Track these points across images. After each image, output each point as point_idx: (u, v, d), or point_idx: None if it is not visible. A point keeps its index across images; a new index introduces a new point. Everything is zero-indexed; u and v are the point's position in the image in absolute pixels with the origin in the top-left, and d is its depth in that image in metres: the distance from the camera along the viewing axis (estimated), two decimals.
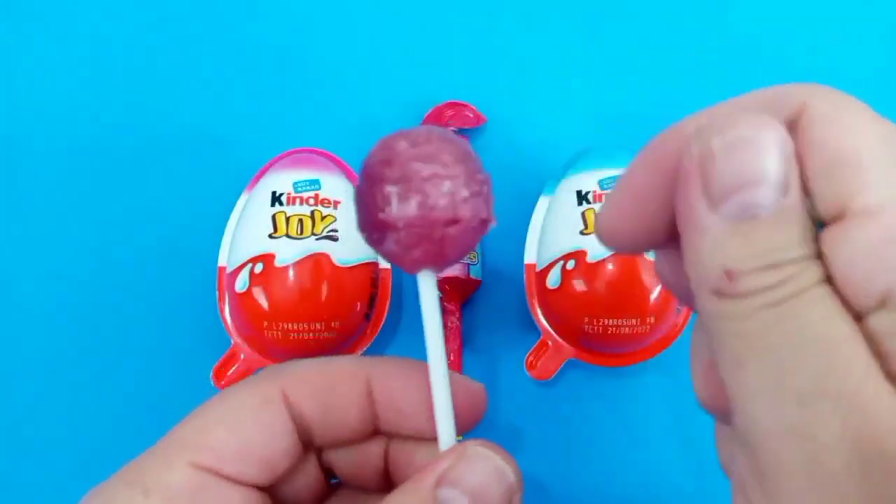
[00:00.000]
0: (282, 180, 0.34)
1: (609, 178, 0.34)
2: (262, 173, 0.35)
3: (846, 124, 0.14)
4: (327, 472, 0.23)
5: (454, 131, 0.38)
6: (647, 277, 0.33)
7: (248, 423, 0.19)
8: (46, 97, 0.40)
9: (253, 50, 0.40)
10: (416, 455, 0.22)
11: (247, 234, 0.34)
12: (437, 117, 0.38)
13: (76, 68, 0.40)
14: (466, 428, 0.22)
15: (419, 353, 0.40)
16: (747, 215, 0.14)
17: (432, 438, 0.20)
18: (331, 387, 0.21)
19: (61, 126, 0.39)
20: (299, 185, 0.34)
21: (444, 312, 0.36)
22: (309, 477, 0.22)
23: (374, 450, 0.22)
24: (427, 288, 0.19)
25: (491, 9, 0.41)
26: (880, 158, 0.14)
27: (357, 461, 0.22)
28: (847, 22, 0.42)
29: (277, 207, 0.33)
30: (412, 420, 0.21)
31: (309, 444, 0.21)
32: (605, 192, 0.34)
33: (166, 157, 0.37)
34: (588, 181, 0.34)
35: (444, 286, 0.36)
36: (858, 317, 0.14)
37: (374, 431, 0.22)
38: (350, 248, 0.33)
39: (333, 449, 0.22)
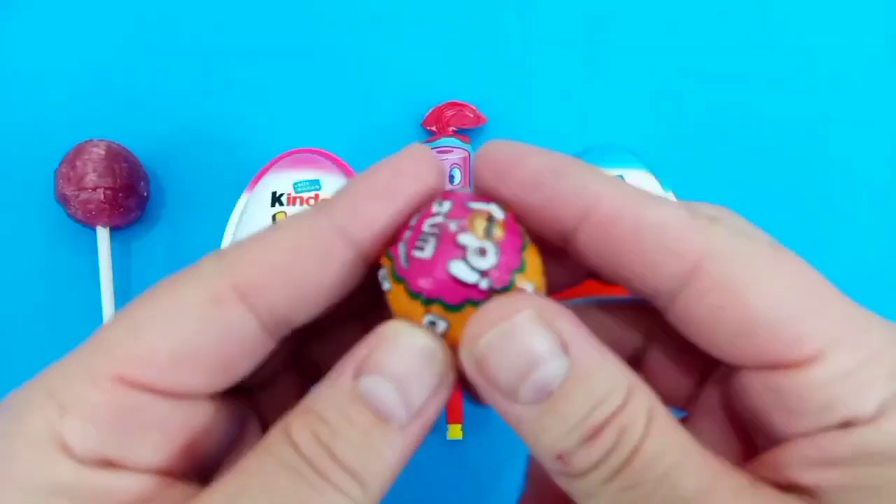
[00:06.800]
0: (282, 180, 0.34)
1: None
2: (263, 173, 0.35)
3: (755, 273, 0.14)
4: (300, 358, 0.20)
5: (454, 131, 0.38)
6: None
7: (190, 325, 0.16)
8: (45, 95, 0.40)
9: (253, 50, 0.40)
10: None
11: (247, 234, 0.34)
12: (437, 117, 0.38)
13: (75, 67, 0.40)
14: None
15: None
16: (544, 395, 0.14)
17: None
18: (297, 263, 0.17)
19: (60, 124, 0.39)
20: (300, 185, 0.34)
21: None
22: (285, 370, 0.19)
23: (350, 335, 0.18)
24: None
25: (490, 9, 0.41)
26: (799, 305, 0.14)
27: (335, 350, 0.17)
28: (846, 22, 0.42)
29: (278, 207, 0.33)
30: None
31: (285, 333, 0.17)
32: None
33: (167, 156, 0.37)
34: None
35: None
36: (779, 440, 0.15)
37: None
38: None
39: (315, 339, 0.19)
